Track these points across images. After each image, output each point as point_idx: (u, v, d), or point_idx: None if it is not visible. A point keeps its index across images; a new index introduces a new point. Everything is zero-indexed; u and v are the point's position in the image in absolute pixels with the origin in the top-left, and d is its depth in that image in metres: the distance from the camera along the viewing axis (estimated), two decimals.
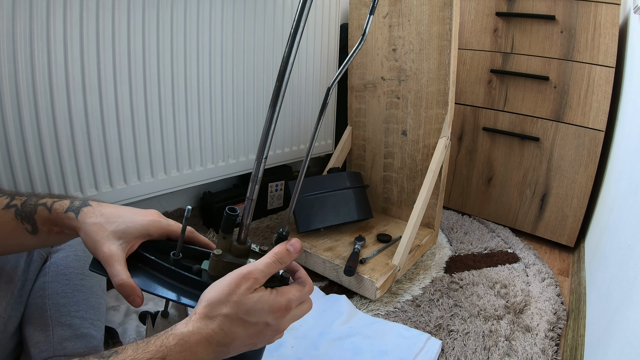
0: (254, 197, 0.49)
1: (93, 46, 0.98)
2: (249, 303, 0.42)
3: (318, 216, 1.29)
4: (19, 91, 0.89)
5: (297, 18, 0.44)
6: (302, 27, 0.44)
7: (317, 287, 1.15)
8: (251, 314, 0.42)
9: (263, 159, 0.48)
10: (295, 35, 0.44)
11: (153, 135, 1.15)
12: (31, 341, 0.64)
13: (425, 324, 1.03)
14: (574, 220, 1.43)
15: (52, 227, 0.51)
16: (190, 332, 0.40)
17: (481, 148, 1.60)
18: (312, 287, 0.49)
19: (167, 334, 0.40)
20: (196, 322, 0.41)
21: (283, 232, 0.51)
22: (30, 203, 0.51)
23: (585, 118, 1.34)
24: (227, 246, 0.49)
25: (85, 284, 0.72)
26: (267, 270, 0.45)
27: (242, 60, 1.32)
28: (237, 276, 0.43)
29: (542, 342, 0.97)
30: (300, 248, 0.48)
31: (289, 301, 0.45)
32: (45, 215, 0.51)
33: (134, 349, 0.38)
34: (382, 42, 1.37)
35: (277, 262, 0.46)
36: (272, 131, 0.47)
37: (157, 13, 1.07)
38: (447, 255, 1.38)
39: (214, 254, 0.48)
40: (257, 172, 0.48)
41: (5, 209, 0.50)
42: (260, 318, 0.43)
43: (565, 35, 1.34)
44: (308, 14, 0.44)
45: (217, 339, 0.41)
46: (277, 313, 0.44)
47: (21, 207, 0.51)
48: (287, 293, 0.45)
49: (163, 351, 0.38)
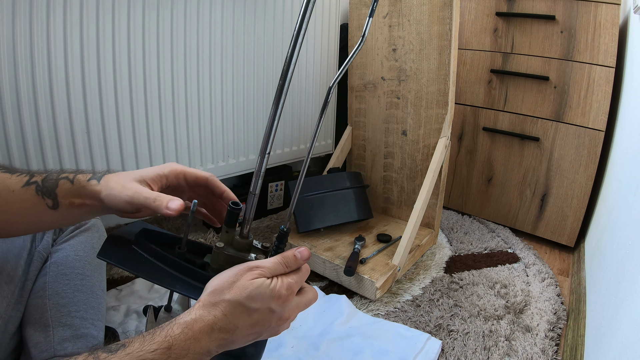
0: (257, 192, 0.50)
1: (93, 46, 0.98)
2: (250, 288, 0.43)
3: (318, 216, 1.29)
4: (19, 91, 0.89)
5: (301, 18, 0.44)
6: (306, 25, 0.44)
7: (317, 287, 1.15)
8: (253, 299, 0.42)
9: (266, 155, 0.49)
10: (299, 33, 0.44)
11: (153, 135, 1.15)
12: (31, 341, 0.64)
13: (425, 324, 1.03)
14: (574, 220, 1.43)
15: (74, 200, 0.50)
16: (193, 320, 0.40)
17: (481, 148, 1.60)
18: (309, 270, 0.50)
19: (171, 324, 0.40)
20: (199, 310, 0.41)
21: (284, 228, 0.51)
22: (51, 178, 0.50)
23: (585, 118, 1.34)
24: (229, 240, 0.50)
25: (85, 284, 0.72)
26: (274, 268, 0.46)
27: (242, 60, 1.32)
28: (244, 268, 0.45)
29: (542, 342, 0.97)
30: (308, 257, 0.49)
31: (290, 285, 0.45)
32: (67, 187, 0.50)
33: (140, 341, 0.38)
34: (382, 42, 1.37)
35: (284, 265, 0.47)
36: (276, 127, 0.48)
37: (157, 13, 1.07)
38: (447, 255, 1.38)
39: (216, 247, 0.49)
40: (260, 168, 0.49)
41: (26, 186, 0.49)
42: (263, 304, 0.43)
43: (565, 35, 1.34)
44: (311, 14, 0.44)
45: (219, 325, 0.41)
46: (281, 299, 0.44)
47: (42, 182, 0.50)
48: (286, 277, 0.46)
49: (168, 341, 0.38)
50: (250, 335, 0.44)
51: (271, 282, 0.44)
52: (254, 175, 0.49)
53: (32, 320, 0.66)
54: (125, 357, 0.36)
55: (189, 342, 0.39)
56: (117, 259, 0.51)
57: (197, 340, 0.39)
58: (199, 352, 0.40)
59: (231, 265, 0.46)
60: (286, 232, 0.51)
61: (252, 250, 0.51)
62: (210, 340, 0.40)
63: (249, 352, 0.49)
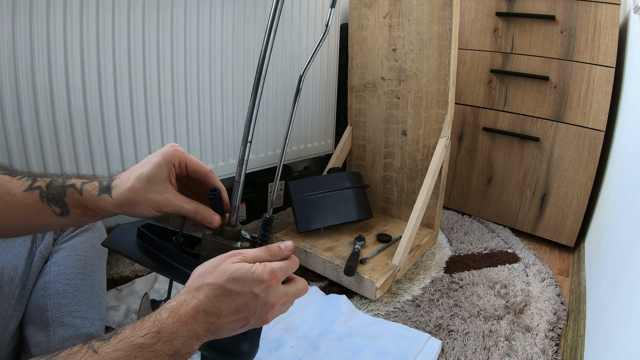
0: (242, 180, 0.52)
1: (93, 46, 0.98)
2: (231, 271, 0.43)
3: (318, 216, 1.29)
4: (19, 91, 0.89)
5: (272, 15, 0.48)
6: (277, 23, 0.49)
7: (317, 287, 1.15)
8: (235, 282, 0.43)
9: (248, 143, 0.52)
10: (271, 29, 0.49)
11: (153, 135, 1.15)
12: (32, 341, 0.64)
13: (425, 324, 1.03)
14: (574, 220, 1.43)
15: (86, 211, 0.49)
16: (178, 304, 0.41)
17: (481, 148, 1.60)
18: (297, 261, 0.51)
19: (159, 310, 0.41)
20: (184, 295, 0.43)
21: (267, 215, 0.53)
22: (56, 185, 0.49)
23: (585, 118, 1.34)
24: (218, 228, 0.53)
25: (86, 283, 0.73)
26: (256, 254, 0.47)
27: (242, 60, 1.32)
28: (227, 254, 0.46)
29: (542, 342, 0.97)
30: (292, 248, 0.50)
31: (272, 269, 0.45)
32: (76, 198, 0.49)
33: (131, 328, 0.39)
34: (382, 42, 1.37)
35: (267, 253, 0.48)
36: (255, 115, 0.52)
37: (157, 13, 1.07)
38: (447, 255, 1.38)
39: (205, 234, 0.52)
40: (242, 156, 0.52)
41: (29, 190, 0.48)
42: (244, 287, 0.43)
43: (565, 35, 1.34)
44: (281, 12, 0.48)
45: (203, 308, 0.42)
46: (263, 283, 0.44)
47: (46, 188, 0.48)
48: (271, 263, 0.47)
49: (157, 325, 0.39)
50: (237, 322, 0.44)
51: (252, 266, 0.45)
52: (238, 164, 0.52)
53: (33, 319, 0.66)
54: (118, 343, 0.37)
55: (176, 325, 0.40)
56: (119, 247, 0.55)
57: (184, 323, 0.40)
58: (187, 335, 0.40)
59: (219, 252, 0.48)
60: (269, 219, 0.53)
61: (240, 239, 0.53)
62: (197, 324, 0.41)
63: (243, 349, 0.50)
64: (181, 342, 0.40)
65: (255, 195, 1.55)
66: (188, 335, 0.40)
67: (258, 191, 1.56)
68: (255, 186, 1.55)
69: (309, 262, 1.23)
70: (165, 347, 0.39)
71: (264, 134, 1.48)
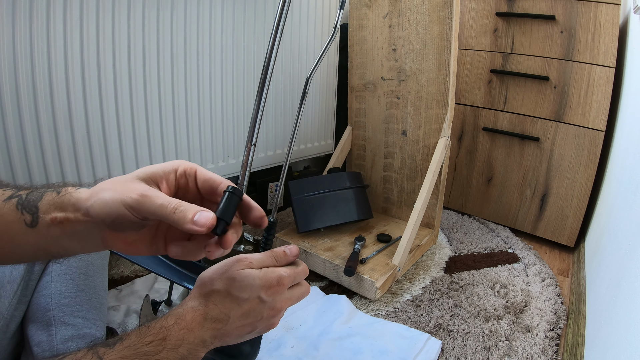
0: (245, 183, 0.52)
1: (93, 46, 0.98)
2: (239, 278, 0.43)
3: (318, 216, 1.29)
4: (19, 91, 0.89)
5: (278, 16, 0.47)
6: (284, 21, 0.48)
7: (317, 287, 1.15)
8: (242, 289, 0.43)
9: (252, 145, 0.52)
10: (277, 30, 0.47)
11: (153, 135, 1.15)
12: (33, 340, 0.64)
13: (425, 324, 1.03)
14: (574, 220, 1.43)
15: (56, 215, 0.39)
16: (185, 311, 0.41)
17: (481, 148, 1.60)
18: (307, 269, 0.50)
19: (166, 316, 0.41)
20: (191, 301, 0.42)
21: (271, 219, 0.53)
22: (39, 191, 0.41)
23: (585, 118, 1.34)
24: None
25: (88, 284, 0.73)
26: (262, 259, 0.47)
27: (242, 60, 1.32)
28: (233, 259, 0.45)
29: (542, 342, 0.97)
30: (297, 253, 0.50)
31: (280, 276, 0.45)
32: (51, 198, 0.40)
33: (137, 334, 0.39)
34: (382, 42, 1.37)
35: (273, 258, 0.48)
36: (260, 117, 0.50)
37: (157, 13, 1.07)
38: (447, 255, 1.38)
39: None
40: (247, 158, 0.52)
41: (7, 200, 0.40)
42: (252, 293, 0.43)
43: (565, 35, 1.34)
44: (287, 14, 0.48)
45: (211, 315, 0.42)
46: (270, 289, 0.44)
47: (26, 196, 0.41)
48: (278, 269, 0.47)
49: (163, 332, 0.39)
50: (244, 327, 0.44)
51: (260, 272, 0.45)
52: (242, 167, 0.52)
53: (35, 319, 0.66)
54: (123, 350, 0.37)
55: (182, 332, 0.40)
56: None
57: (190, 330, 0.40)
58: (193, 342, 0.40)
59: None
60: (273, 222, 0.53)
61: (243, 242, 0.53)
62: (204, 330, 0.41)
63: (244, 351, 0.50)
64: (187, 349, 0.40)
65: (256, 195, 1.55)
66: (194, 342, 0.40)
67: (258, 191, 1.56)
68: (256, 186, 1.55)
69: (309, 262, 1.23)
70: (170, 354, 0.38)
71: (264, 134, 1.48)
